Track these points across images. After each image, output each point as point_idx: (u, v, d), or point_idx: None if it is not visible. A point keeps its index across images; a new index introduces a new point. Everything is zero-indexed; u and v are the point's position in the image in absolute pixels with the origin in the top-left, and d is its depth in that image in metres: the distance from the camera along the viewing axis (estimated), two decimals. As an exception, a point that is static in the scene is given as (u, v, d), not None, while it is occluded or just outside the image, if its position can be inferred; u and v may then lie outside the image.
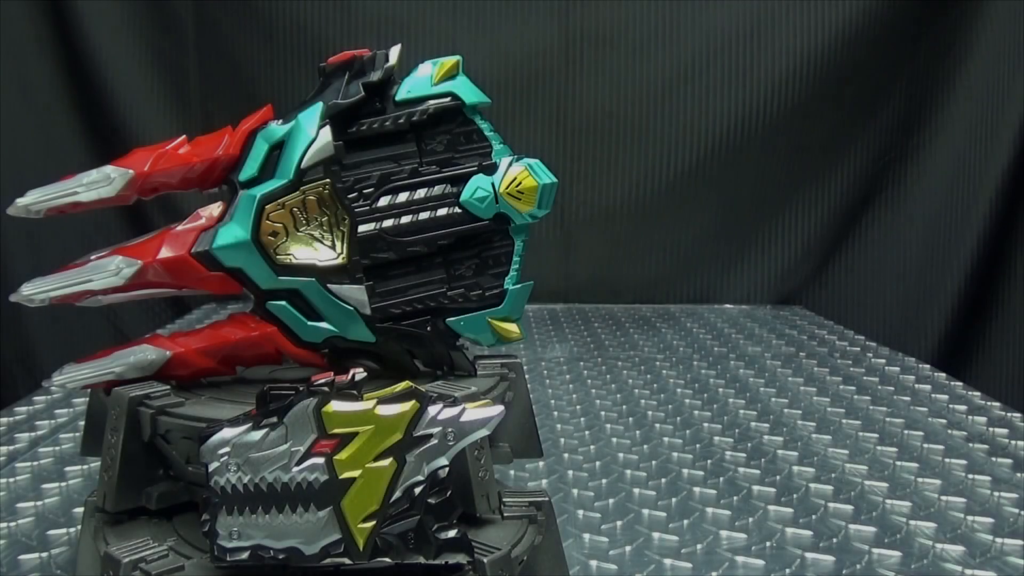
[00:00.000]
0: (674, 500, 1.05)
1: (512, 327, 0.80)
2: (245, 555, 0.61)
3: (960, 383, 1.57)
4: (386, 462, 0.61)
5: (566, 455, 1.19)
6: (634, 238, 2.33)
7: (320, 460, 0.60)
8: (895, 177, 2.36)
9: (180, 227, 0.74)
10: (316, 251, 0.75)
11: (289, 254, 0.74)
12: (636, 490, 1.08)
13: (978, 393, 1.51)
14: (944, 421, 1.36)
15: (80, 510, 0.93)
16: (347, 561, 0.61)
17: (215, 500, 0.61)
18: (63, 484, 1.09)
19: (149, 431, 0.70)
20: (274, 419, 0.61)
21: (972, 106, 2.27)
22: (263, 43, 2.21)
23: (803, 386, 1.54)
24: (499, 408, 0.63)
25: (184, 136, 0.75)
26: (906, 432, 1.30)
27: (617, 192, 2.30)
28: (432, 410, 0.62)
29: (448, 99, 0.77)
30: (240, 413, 0.63)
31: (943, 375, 1.63)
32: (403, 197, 0.76)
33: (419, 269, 0.78)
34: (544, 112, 2.26)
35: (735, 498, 1.06)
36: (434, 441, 0.61)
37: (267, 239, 0.74)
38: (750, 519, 1.00)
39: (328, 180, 0.74)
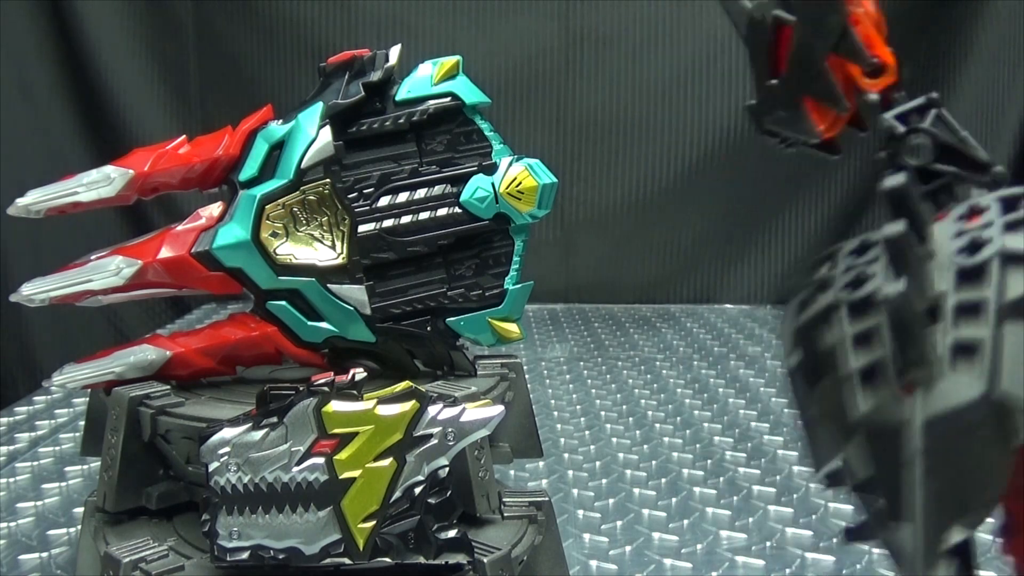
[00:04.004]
0: (674, 500, 1.05)
1: (512, 327, 0.80)
2: (245, 555, 0.61)
3: (960, 383, 1.57)
4: (386, 462, 0.61)
5: (566, 455, 1.19)
6: (634, 238, 2.33)
7: (320, 460, 0.60)
8: (895, 177, 2.35)
9: (180, 227, 0.74)
10: (316, 251, 0.75)
11: (289, 254, 0.74)
12: (636, 490, 1.08)
13: (978, 393, 1.50)
14: (944, 421, 1.36)
15: (80, 510, 0.92)
16: (347, 561, 0.61)
17: (215, 500, 0.61)
18: (63, 484, 1.09)
19: (149, 431, 0.70)
20: (274, 419, 0.61)
21: (972, 106, 2.27)
22: (263, 43, 2.21)
23: (803, 386, 1.54)
24: (499, 408, 0.63)
25: (184, 136, 0.75)
26: (906, 432, 1.30)
27: (617, 192, 2.30)
28: (432, 410, 0.62)
29: (448, 99, 0.77)
30: (240, 413, 0.63)
31: (943, 375, 1.63)
32: (403, 197, 0.76)
33: (419, 269, 0.78)
34: (544, 112, 2.26)
35: (735, 498, 1.06)
36: (434, 441, 0.61)
37: (267, 239, 0.74)
38: (750, 519, 1.00)
39: (328, 180, 0.74)
